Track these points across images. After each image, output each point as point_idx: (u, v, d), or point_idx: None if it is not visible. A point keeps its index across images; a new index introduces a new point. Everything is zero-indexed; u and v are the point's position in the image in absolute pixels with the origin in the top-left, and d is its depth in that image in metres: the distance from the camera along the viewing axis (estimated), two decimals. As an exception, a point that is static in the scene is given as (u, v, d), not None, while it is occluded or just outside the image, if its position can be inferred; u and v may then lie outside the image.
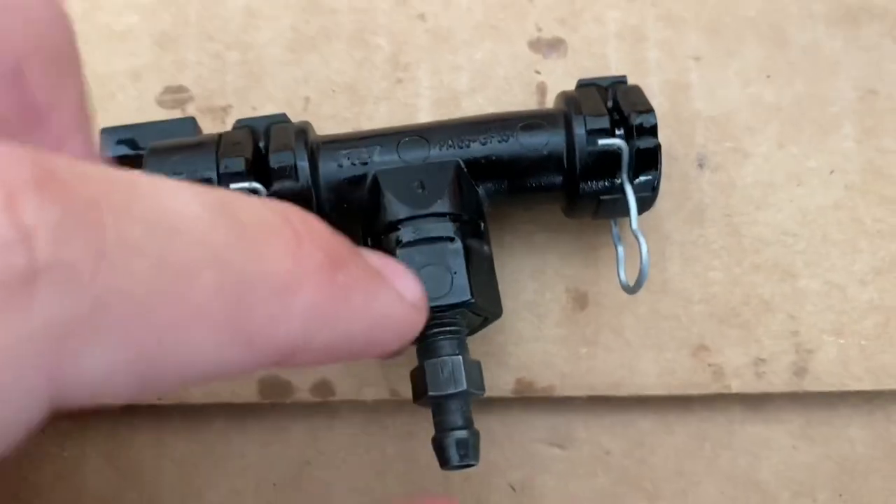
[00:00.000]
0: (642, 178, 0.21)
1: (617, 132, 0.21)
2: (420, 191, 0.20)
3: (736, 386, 0.24)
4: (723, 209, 0.25)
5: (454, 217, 0.20)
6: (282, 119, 0.22)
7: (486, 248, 0.21)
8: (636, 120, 0.21)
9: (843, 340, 0.25)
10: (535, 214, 0.25)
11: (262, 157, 0.21)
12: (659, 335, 0.25)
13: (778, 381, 0.24)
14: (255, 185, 0.20)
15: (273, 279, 0.13)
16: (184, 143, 0.21)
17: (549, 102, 0.26)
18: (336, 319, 0.15)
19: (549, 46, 0.26)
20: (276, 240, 0.14)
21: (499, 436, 0.25)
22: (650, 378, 0.24)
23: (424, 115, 0.26)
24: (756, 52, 0.26)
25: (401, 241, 0.19)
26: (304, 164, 0.20)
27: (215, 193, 0.13)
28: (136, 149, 0.22)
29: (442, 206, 0.20)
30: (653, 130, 0.21)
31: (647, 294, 0.24)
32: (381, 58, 0.26)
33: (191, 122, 0.23)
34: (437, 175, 0.20)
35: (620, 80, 0.22)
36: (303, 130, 0.21)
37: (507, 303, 0.23)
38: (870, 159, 0.26)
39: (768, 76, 0.26)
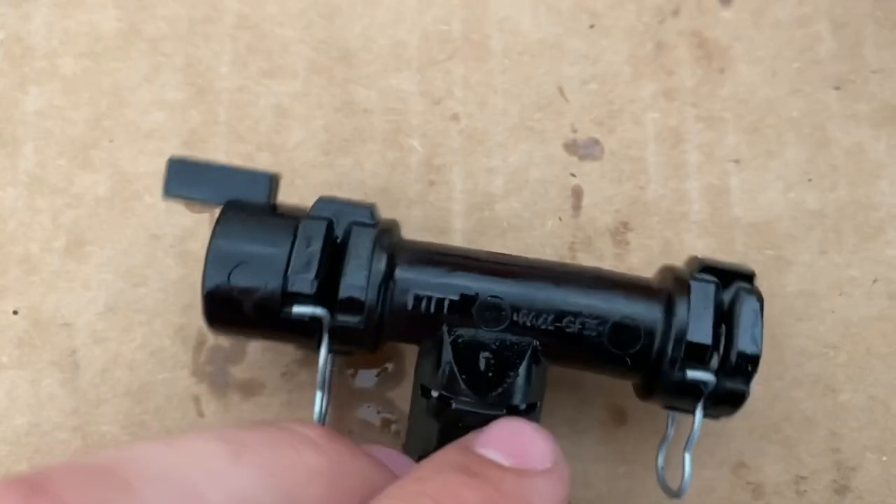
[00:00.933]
0: (718, 410, 0.20)
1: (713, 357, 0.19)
2: (484, 371, 0.19)
3: (776, 504, 0.24)
4: (764, 320, 0.25)
5: (511, 408, 0.19)
6: (366, 216, 0.20)
7: (537, 420, 0.20)
8: (737, 360, 0.19)
9: (886, 458, 0.24)
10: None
11: (335, 263, 0.19)
12: (698, 452, 0.24)
13: (819, 499, 0.24)
14: (319, 311, 0.19)
15: None
16: (257, 225, 0.20)
17: (585, 207, 0.25)
18: None
19: (585, 148, 0.26)
20: None
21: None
22: (690, 497, 0.24)
23: (458, 218, 0.25)
24: (797, 155, 0.26)
25: (449, 420, 0.19)
26: (373, 302, 0.19)
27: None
28: (200, 191, 0.21)
29: (504, 394, 0.19)
30: (748, 377, 0.19)
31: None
32: (414, 160, 0.25)
33: (266, 180, 0.21)
34: (509, 355, 0.19)
35: (747, 278, 0.20)
36: (384, 243, 0.20)
37: (546, 420, 0.23)
38: (914, 268, 0.25)
39: (810, 180, 0.26)
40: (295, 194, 0.25)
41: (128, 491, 0.13)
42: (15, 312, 0.24)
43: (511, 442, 0.18)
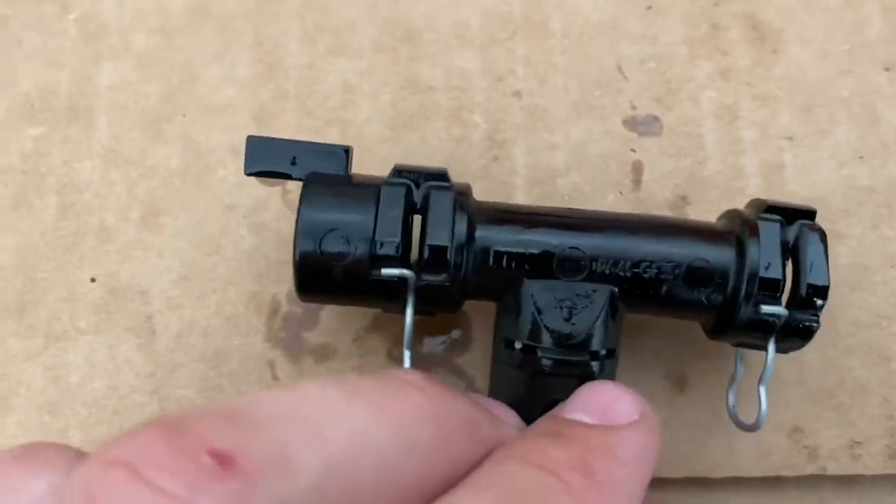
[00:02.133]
0: (789, 344, 0.21)
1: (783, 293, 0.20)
2: (566, 321, 0.20)
3: (831, 468, 0.25)
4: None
5: (593, 354, 0.20)
6: (443, 179, 0.21)
7: (615, 370, 0.21)
8: (807, 292, 0.20)
9: (937, 424, 0.25)
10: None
11: (417, 226, 0.20)
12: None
13: (873, 463, 0.25)
14: (406, 273, 0.20)
15: None
16: (341, 194, 0.20)
17: (645, 182, 0.26)
18: None
19: (645, 125, 0.26)
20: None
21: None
22: (748, 460, 0.25)
23: (520, 193, 0.26)
24: (849, 133, 0.26)
25: (535, 370, 0.20)
26: (457, 259, 0.20)
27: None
28: (280, 166, 0.21)
29: (586, 341, 0.20)
30: (817, 309, 0.20)
31: (744, 377, 0.25)
32: (478, 136, 0.26)
33: (342, 152, 0.22)
34: (589, 302, 0.20)
35: (809, 215, 0.21)
36: (463, 203, 0.21)
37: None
38: (962, 242, 0.26)
39: (861, 157, 0.26)
40: (363, 168, 0.26)
41: (258, 429, 0.14)
42: (92, 280, 0.25)
43: (595, 403, 0.19)
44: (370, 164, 0.26)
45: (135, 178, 0.26)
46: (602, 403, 0.19)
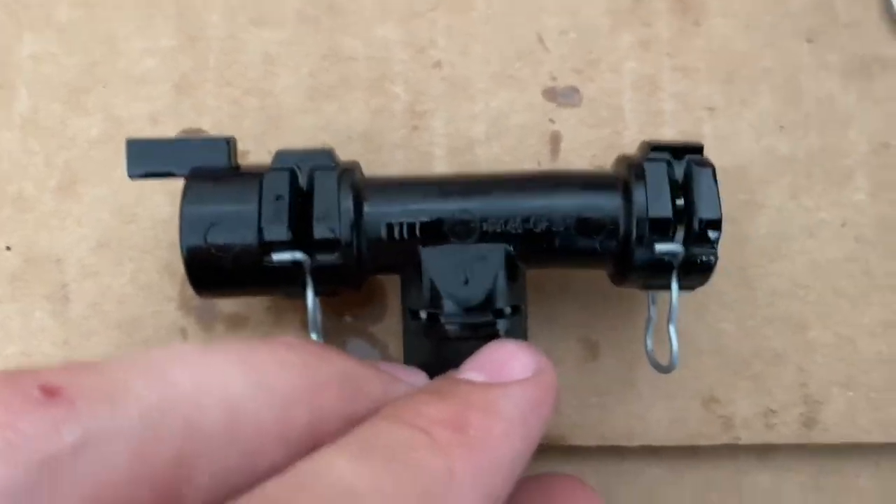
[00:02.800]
0: (692, 280, 0.21)
1: (677, 231, 0.20)
2: (464, 284, 0.20)
3: (746, 437, 0.25)
4: (736, 261, 0.25)
5: (497, 312, 0.20)
6: (326, 160, 0.21)
7: (523, 326, 0.21)
8: (700, 227, 0.20)
9: (853, 392, 0.25)
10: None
11: (305, 210, 0.20)
12: (670, 386, 0.25)
13: (787, 432, 0.25)
14: (299, 255, 0.20)
15: None
16: (223, 186, 0.20)
17: (563, 151, 0.26)
18: None
19: (564, 96, 0.26)
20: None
21: (510, 483, 0.25)
22: (661, 428, 0.25)
23: (440, 163, 0.26)
24: (770, 103, 0.26)
25: (441, 336, 0.20)
26: (348, 238, 0.20)
27: None
28: (163, 165, 0.21)
29: (486, 302, 0.20)
30: (713, 242, 0.20)
31: (659, 345, 0.25)
32: (398, 106, 0.26)
33: (224, 144, 0.22)
34: (484, 264, 0.20)
35: (696, 150, 0.21)
36: (348, 181, 0.21)
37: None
38: (882, 212, 0.26)
39: (782, 127, 0.26)
40: (281, 138, 0.26)
41: (98, 372, 0.14)
42: (8, 248, 0.25)
43: (489, 361, 0.19)
44: (289, 133, 0.26)
45: (54, 148, 0.26)
46: (496, 361, 0.19)
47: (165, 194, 0.25)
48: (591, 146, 0.26)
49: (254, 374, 0.15)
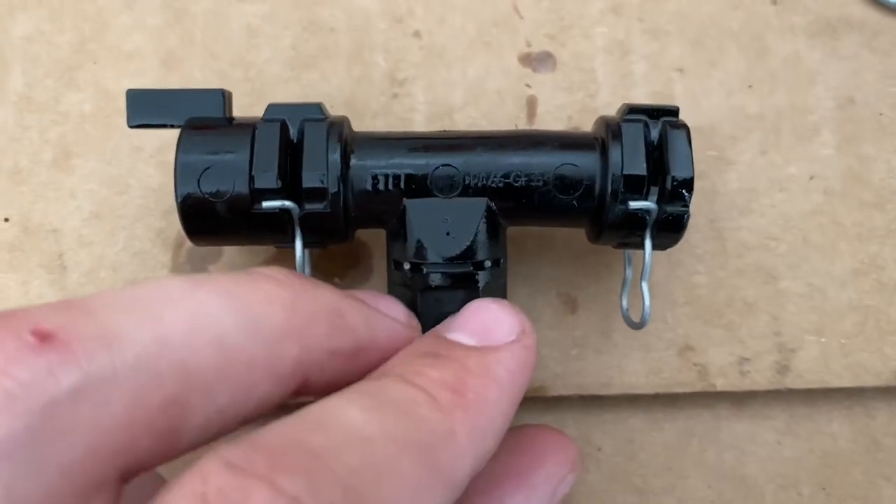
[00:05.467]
0: (665, 238, 0.22)
1: (650, 189, 0.21)
2: (446, 234, 0.21)
3: (721, 384, 0.25)
4: (707, 215, 0.26)
5: (477, 264, 0.21)
6: (316, 113, 0.22)
7: (502, 280, 0.22)
8: (673, 185, 0.21)
9: (824, 339, 0.26)
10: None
11: (295, 161, 0.21)
12: (646, 336, 0.26)
13: (761, 379, 0.26)
14: (288, 204, 0.21)
15: None
16: (217, 136, 0.21)
17: (539, 115, 0.27)
18: None
19: (539, 61, 0.27)
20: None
21: (495, 434, 0.26)
22: (638, 377, 0.25)
23: (420, 128, 0.27)
24: (738, 63, 0.27)
25: (424, 286, 0.21)
26: (335, 188, 0.21)
27: None
28: (161, 117, 0.22)
29: (467, 253, 0.21)
30: (685, 200, 0.21)
31: (634, 297, 0.26)
32: (378, 74, 0.27)
33: (219, 96, 0.22)
34: (466, 216, 0.21)
35: (671, 112, 0.22)
36: (337, 134, 0.21)
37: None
38: (848, 165, 0.27)
39: (750, 86, 0.27)
40: (264, 107, 0.27)
41: (89, 313, 0.14)
42: (6, 220, 0.26)
43: (476, 323, 0.19)
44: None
45: (47, 123, 0.27)
46: (483, 324, 0.19)
47: (156, 165, 0.26)
48: (566, 109, 0.27)
49: (243, 309, 0.16)
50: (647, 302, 0.22)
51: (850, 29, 0.28)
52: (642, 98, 0.27)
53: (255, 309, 0.16)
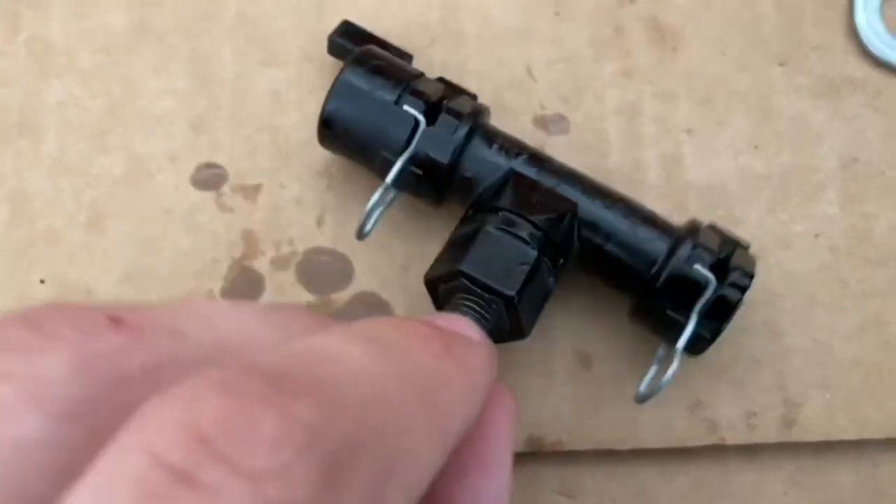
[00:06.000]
0: (709, 322, 0.23)
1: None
2: (534, 202, 0.23)
3: (730, 438, 0.26)
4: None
5: (545, 237, 0.22)
6: (473, 97, 0.26)
7: (552, 280, 0.23)
8: (734, 270, 0.23)
9: (829, 394, 0.27)
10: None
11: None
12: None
13: (768, 432, 0.27)
14: (419, 116, 0.24)
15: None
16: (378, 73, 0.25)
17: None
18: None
19: (553, 123, 0.28)
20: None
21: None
22: (651, 432, 0.26)
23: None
24: (745, 124, 0.28)
25: (494, 223, 0.22)
26: (460, 139, 0.24)
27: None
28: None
29: (543, 222, 0.23)
30: (742, 288, 0.23)
31: (639, 366, 0.27)
32: (397, 137, 0.28)
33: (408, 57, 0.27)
34: (556, 201, 0.24)
35: (743, 247, 0.25)
36: (475, 107, 0.25)
37: (519, 360, 0.26)
38: (853, 223, 0.28)
39: (757, 146, 0.28)
40: (291, 171, 0.28)
41: (150, 311, 0.15)
42: (42, 282, 0.27)
43: (452, 321, 0.20)
44: (299, 166, 0.28)
45: (81, 186, 0.28)
46: (458, 324, 0.20)
47: (185, 228, 0.27)
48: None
49: (280, 329, 0.16)
50: (671, 372, 0.23)
51: (854, 89, 0.29)
52: (653, 159, 0.28)
53: (291, 331, 0.17)
